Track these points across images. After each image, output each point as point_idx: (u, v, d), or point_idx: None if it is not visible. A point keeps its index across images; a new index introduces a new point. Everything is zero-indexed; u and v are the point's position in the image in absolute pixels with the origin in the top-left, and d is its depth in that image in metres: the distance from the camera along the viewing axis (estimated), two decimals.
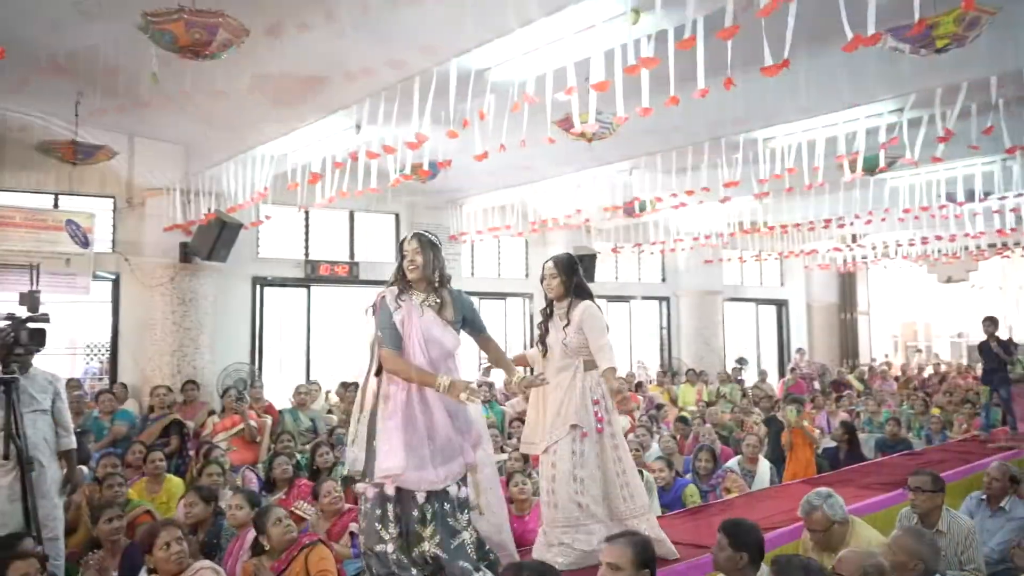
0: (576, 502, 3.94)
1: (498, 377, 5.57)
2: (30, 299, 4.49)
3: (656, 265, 15.22)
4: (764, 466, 6.86)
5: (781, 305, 17.00)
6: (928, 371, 16.91)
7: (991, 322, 7.97)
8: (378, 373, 3.57)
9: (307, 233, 11.31)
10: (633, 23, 4.59)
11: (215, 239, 9.28)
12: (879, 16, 4.30)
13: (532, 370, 4.33)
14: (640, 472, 5.48)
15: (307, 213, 10.84)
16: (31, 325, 4.42)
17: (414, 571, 3.40)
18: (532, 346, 4.44)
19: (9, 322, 4.38)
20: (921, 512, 4.48)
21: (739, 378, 13.99)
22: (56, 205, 9.67)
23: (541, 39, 5.10)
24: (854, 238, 13.88)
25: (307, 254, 11.32)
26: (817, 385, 14.63)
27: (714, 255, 14.00)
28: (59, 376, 5.09)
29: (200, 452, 7.05)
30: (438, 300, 3.57)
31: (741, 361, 14.81)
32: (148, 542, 3.69)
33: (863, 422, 10.53)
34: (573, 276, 4.11)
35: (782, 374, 15.60)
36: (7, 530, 4.31)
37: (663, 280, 15.30)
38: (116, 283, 10.01)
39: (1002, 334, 8.26)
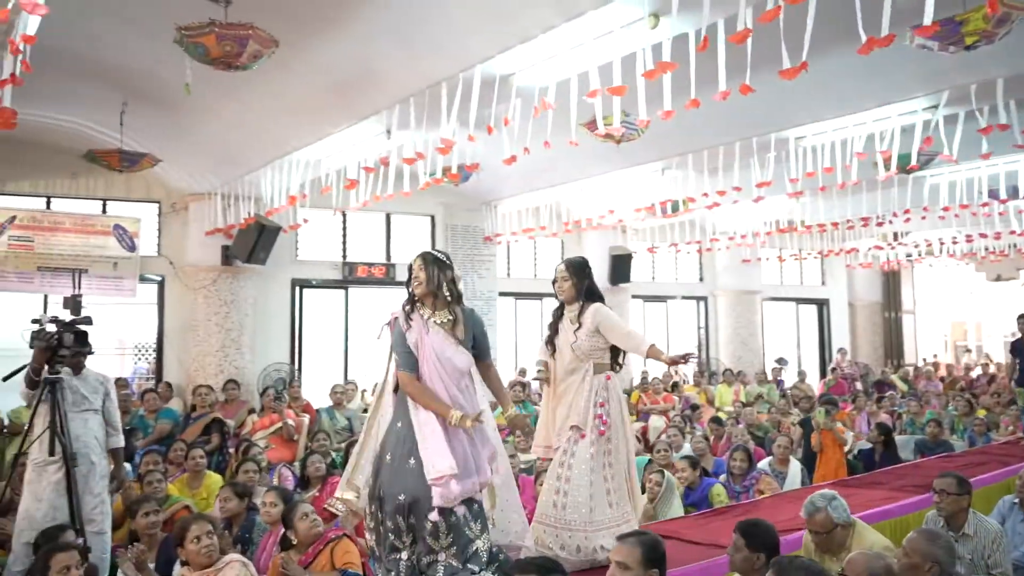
0: (552, 501, 4.02)
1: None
2: (73, 303, 4.71)
3: (694, 265, 15.13)
4: (795, 467, 6.82)
5: (822, 304, 16.72)
6: (977, 371, 16.50)
7: None
8: (396, 390, 3.67)
9: (344, 236, 11.52)
10: (652, 27, 4.62)
11: (254, 242, 9.55)
12: (906, 14, 4.26)
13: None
14: (660, 472, 5.54)
15: (344, 216, 11.04)
16: (74, 328, 4.63)
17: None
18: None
19: (53, 325, 4.60)
20: (946, 515, 4.43)
21: (779, 379, 13.85)
22: (104, 210, 10.04)
23: (563, 44, 5.16)
24: (895, 236, 13.61)
25: (345, 256, 11.53)
26: (859, 385, 14.40)
27: (752, 254, 13.86)
28: (109, 377, 5.32)
29: (239, 449, 7.27)
30: (450, 317, 3.62)
31: (781, 361, 14.64)
32: (180, 536, 3.85)
33: (905, 423, 10.36)
34: (584, 280, 4.17)
35: (824, 374, 15.37)
36: (57, 523, 4.55)
37: (701, 280, 15.20)
38: (161, 285, 10.36)
39: None
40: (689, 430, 8.78)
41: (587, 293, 4.16)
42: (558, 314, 4.25)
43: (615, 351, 4.14)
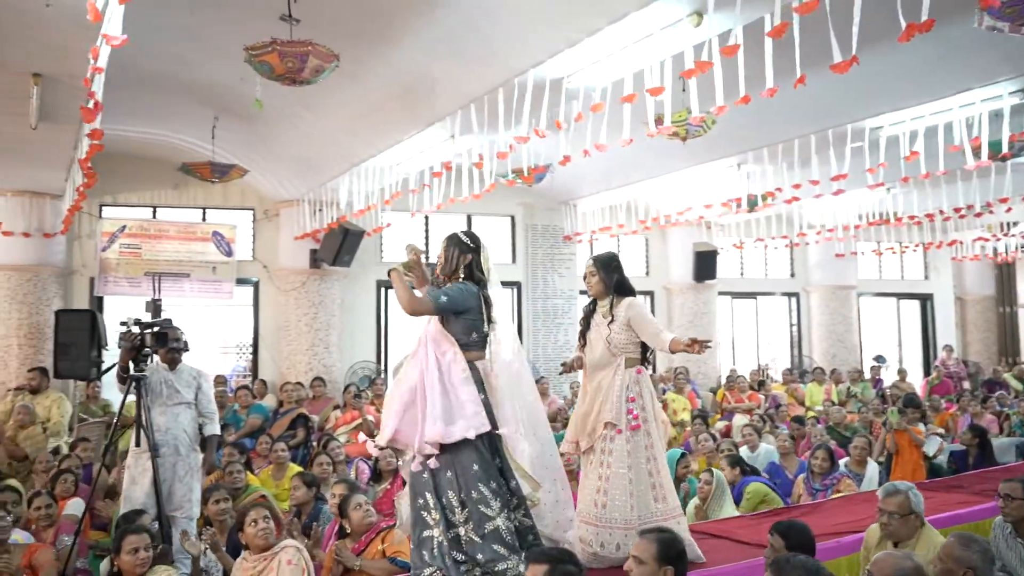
0: (594, 500, 4.04)
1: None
2: (153, 307, 5.12)
3: (784, 260, 14.68)
4: (872, 469, 6.60)
5: (926, 300, 15.86)
6: None
7: None
8: None
9: (427, 237, 11.82)
10: (695, 26, 4.60)
11: (339, 246, 9.98)
12: None
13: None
14: (710, 471, 5.50)
15: (427, 219, 11.33)
16: (156, 329, 5.04)
17: (455, 554, 3.64)
18: None
19: (137, 327, 5.02)
20: (1013, 520, 4.22)
21: (878, 377, 13.28)
22: (204, 218, 10.72)
23: (611, 46, 5.20)
24: (1002, 227, 12.77)
25: (427, 257, 11.83)
26: (967, 385, 13.62)
27: (846, 248, 13.32)
28: (203, 371, 5.75)
29: (320, 443, 7.65)
30: None
31: (879, 359, 14.01)
32: (240, 520, 4.14)
33: (1014, 425, 9.77)
34: (613, 274, 4.20)
35: (927, 373, 14.62)
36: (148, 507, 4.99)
37: (792, 275, 14.74)
38: (256, 288, 10.97)
39: None
40: (769, 429, 8.59)
41: (618, 287, 4.20)
42: (590, 309, 4.32)
43: (645, 346, 4.17)
